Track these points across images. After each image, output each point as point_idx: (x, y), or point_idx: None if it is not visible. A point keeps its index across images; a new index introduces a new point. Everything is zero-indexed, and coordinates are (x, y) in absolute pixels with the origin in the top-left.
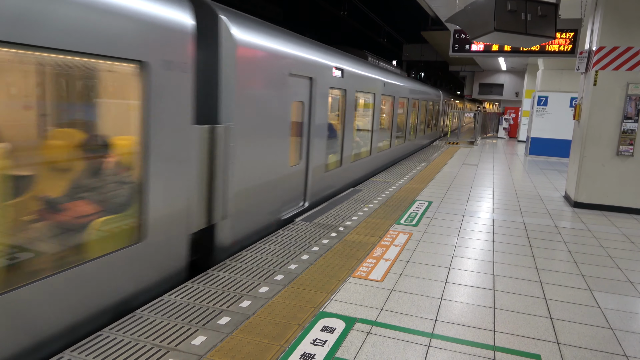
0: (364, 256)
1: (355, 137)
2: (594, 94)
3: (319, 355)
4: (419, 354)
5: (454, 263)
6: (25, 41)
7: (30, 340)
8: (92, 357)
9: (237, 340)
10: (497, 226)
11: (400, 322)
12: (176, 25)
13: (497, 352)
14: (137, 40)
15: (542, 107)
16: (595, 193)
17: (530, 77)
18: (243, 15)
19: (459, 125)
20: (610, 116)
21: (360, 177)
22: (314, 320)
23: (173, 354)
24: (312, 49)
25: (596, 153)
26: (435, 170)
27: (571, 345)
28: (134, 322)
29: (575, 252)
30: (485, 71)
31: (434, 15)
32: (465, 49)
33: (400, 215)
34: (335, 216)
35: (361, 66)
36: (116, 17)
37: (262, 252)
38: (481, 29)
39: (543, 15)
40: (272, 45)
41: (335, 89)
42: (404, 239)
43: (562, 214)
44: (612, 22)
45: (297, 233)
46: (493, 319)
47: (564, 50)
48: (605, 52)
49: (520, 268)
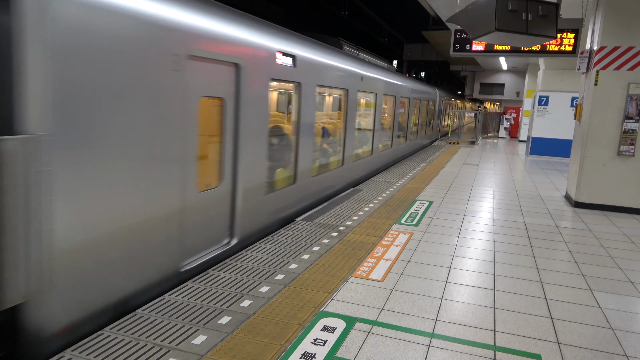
0: (364, 256)
1: (322, 144)
2: (595, 93)
3: (319, 355)
4: (419, 353)
5: (454, 263)
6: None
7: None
8: (93, 356)
9: (238, 340)
10: (497, 226)
11: (400, 321)
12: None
13: (498, 352)
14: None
15: (543, 107)
16: (596, 193)
17: (531, 76)
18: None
19: (459, 125)
20: (611, 116)
21: (328, 193)
22: (315, 319)
23: (174, 354)
24: (238, 22)
25: (597, 153)
26: (436, 170)
27: (572, 345)
28: (134, 321)
29: (576, 252)
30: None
31: (434, 15)
32: (466, 49)
33: (401, 215)
34: (335, 216)
35: (328, 55)
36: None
37: (263, 251)
38: (482, 29)
39: (544, 15)
40: (145, 7)
41: (283, 82)
42: (405, 238)
43: (563, 213)
44: (613, 22)
45: (298, 233)
46: (493, 318)
47: (565, 50)
48: (606, 52)
49: (521, 268)
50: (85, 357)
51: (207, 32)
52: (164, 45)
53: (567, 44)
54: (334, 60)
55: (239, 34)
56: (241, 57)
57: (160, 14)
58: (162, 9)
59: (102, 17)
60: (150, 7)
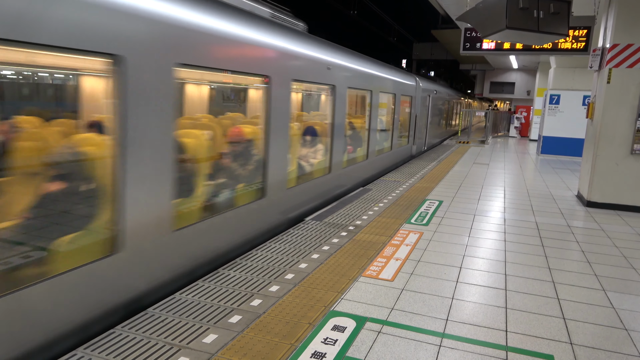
0: (374, 255)
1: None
2: (608, 92)
3: (329, 354)
4: (430, 353)
5: (465, 262)
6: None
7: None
8: (105, 354)
9: (248, 339)
10: (508, 225)
11: (411, 321)
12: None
13: (510, 352)
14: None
15: (554, 106)
16: (608, 192)
17: (542, 75)
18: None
19: (469, 125)
20: (624, 114)
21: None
22: (325, 319)
23: (185, 352)
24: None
25: (610, 152)
26: (446, 169)
27: (585, 346)
28: (145, 320)
29: (589, 252)
30: (497, 70)
31: (444, 14)
32: (476, 48)
33: (411, 214)
34: (345, 215)
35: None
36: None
37: (273, 251)
38: (493, 27)
39: (556, 12)
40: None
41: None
42: (415, 238)
43: (575, 213)
44: (626, 19)
45: (308, 232)
46: (505, 319)
47: (577, 47)
48: (619, 49)
49: (533, 268)
50: (97, 355)
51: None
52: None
53: (579, 41)
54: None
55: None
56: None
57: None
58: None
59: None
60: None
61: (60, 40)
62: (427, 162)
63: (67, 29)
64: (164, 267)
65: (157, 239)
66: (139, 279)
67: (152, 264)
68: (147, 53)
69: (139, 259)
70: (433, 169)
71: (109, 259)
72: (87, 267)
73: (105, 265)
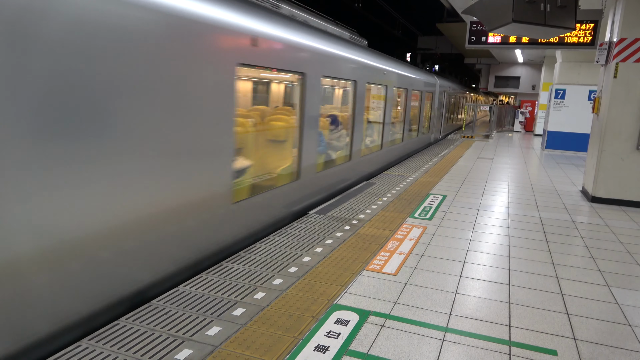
0: (377, 249)
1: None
2: (614, 86)
3: (332, 347)
4: (433, 347)
5: (468, 257)
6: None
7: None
8: (109, 346)
9: (252, 331)
10: (512, 220)
11: (414, 315)
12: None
13: (513, 347)
14: None
15: (560, 100)
16: (613, 188)
17: (548, 69)
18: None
19: (473, 119)
20: (630, 109)
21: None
22: (328, 312)
23: (188, 344)
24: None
25: (615, 147)
26: (450, 163)
27: (588, 342)
28: (149, 312)
29: (593, 248)
30: (502, 64)
31: (449, 7)
32: (482, 41)
33: (414, 208)
34: (348, 209)
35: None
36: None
37: (276, 244)
38: (499, 20)
39: (563, 5)
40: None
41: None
42: (418, 232)
43: (580, 208)
44: (633, 13)
45: (311, 226)
46: (508, 313)
47: (583, 42)
48: (626, 43)
49: (537, 263)
50: (102, 346)
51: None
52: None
53: (585, 35)
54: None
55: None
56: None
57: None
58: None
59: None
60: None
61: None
62: (431, 156)
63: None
64: (315, 192)
65: (309, 176)
66: (306, 197)
67: (310, 189)
68: (314, 71)
69: (305, 185)
70: (437, 163)
71: (295, 183)
72: (288, 185)
73: (295, 185)
